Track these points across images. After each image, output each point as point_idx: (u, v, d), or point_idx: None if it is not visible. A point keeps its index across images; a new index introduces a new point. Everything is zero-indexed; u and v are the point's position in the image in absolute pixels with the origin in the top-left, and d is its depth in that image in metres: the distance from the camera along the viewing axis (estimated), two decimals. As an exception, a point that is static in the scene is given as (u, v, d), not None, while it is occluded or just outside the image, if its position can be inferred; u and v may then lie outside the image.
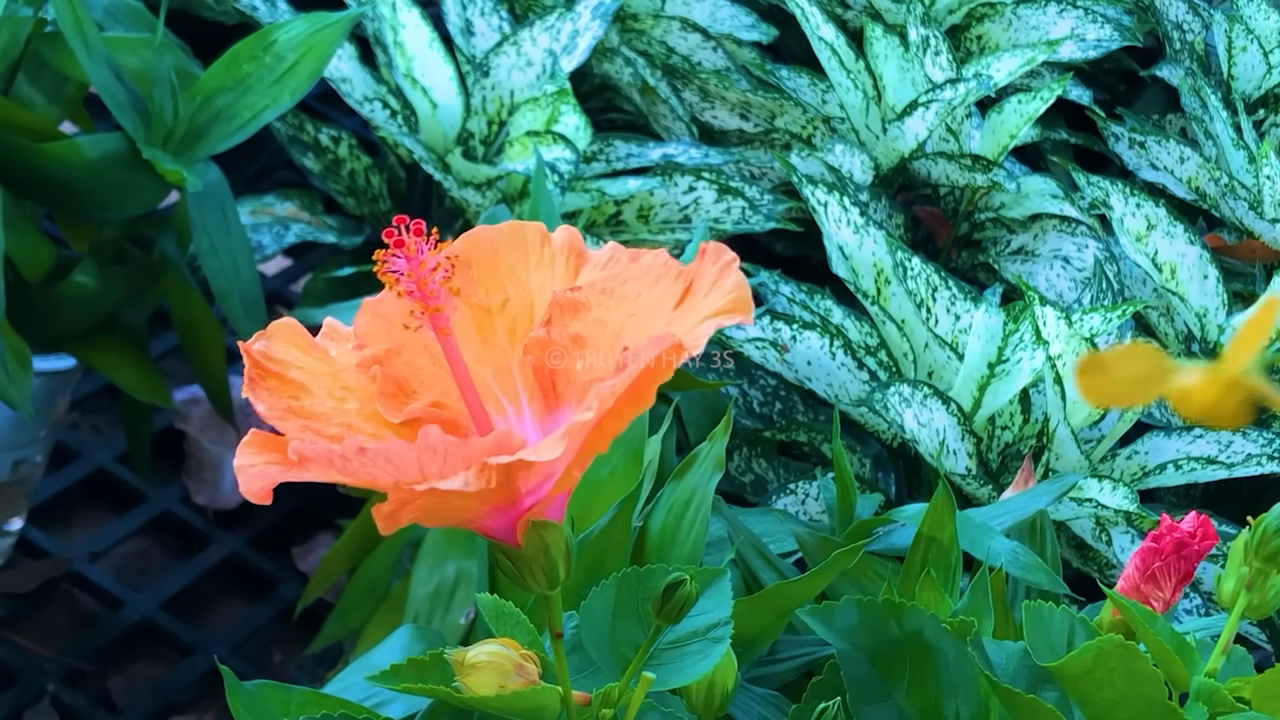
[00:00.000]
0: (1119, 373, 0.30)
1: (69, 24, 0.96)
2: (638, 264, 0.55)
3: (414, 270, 0.52)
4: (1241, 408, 0.30)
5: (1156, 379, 0.30)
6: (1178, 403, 0.30)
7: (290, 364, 0.55)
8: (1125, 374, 0.30)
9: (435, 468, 0.48)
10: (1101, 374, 0.31)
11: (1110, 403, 0.31)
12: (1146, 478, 1.09)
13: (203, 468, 1.35)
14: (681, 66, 1.39)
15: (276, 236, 1.29)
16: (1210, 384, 0.30)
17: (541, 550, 0.54)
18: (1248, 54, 1.47)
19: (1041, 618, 0.66)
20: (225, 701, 0.68)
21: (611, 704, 0.57)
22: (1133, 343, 0.30)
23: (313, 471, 0.49)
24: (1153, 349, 0.31)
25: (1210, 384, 0.30)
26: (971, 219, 1.37)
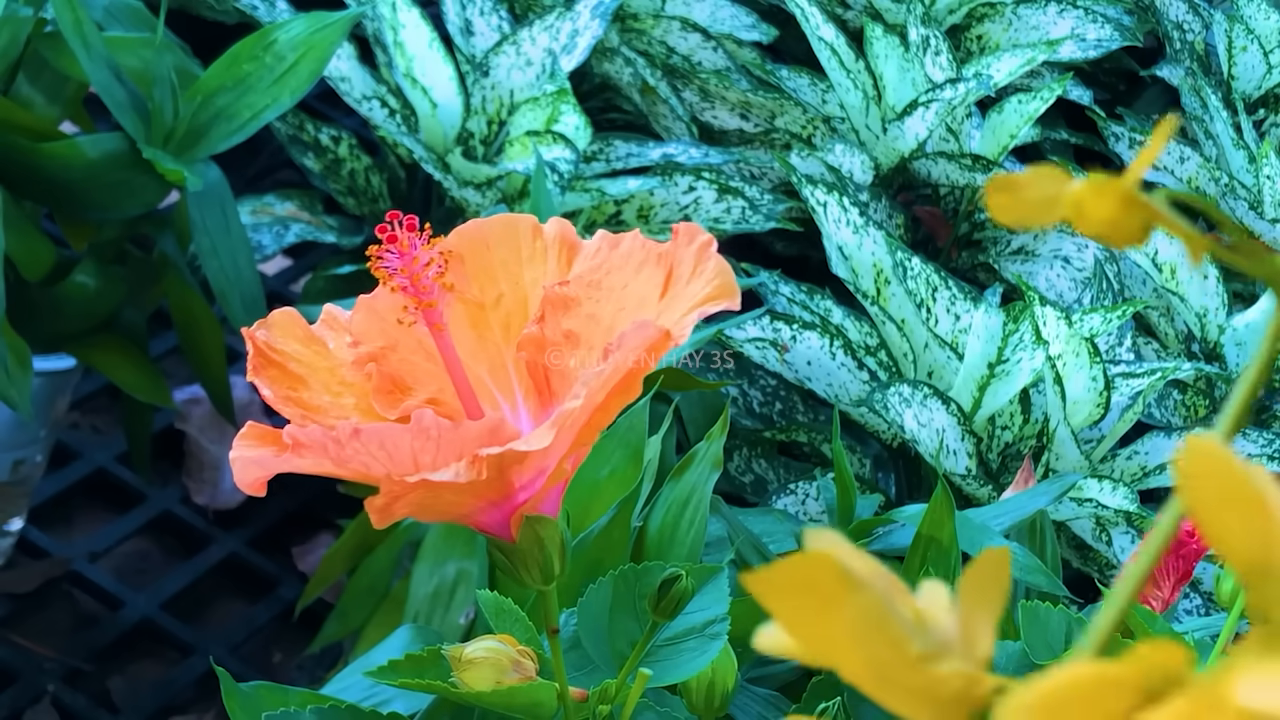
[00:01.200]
0: (1028, 192, 0.30)
1: (68, 24, 0.96)
2: (618, 251, 0.55)
3: (407, 265, 0.52)
4: (1138, 227, 0.29)
5: (1060, 196, 0.30)
6: (1075, 218, 0.29)
7: (290, 356, 0.55)
8: (1033, 193, 0.30)
9: (428, 454, 0.48)
10: (1011, 193, 0.30)
11: (1018, 222, 0.30)
12: (1146, 478, 1.09)
13: (203, 468, 1.35)
14: (681, 66, 1.39)
15: (276, 236, 1.29)
16: (1104, 196, 0.29)
17: (536, 545, 0.54)
18: (1248, 54, 1.47)
19: (1039, 617, 0.66)
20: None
21: (608, 700, 0.57)
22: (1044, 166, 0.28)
23: (307, 458, 0.49)
24: (1060, 169, 0.30)
25: (1104, 196, 0.29)
26: (971, 219, 1.37)
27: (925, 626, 0.29)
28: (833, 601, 0.27)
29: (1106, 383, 1.06)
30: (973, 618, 0.29)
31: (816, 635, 0.28)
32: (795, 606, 0.27)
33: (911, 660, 0.28)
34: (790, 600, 0.27)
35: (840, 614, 0.27)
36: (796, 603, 0.27)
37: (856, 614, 0.27)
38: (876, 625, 0.28)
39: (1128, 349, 1.16)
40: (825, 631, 0.27)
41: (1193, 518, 0.26)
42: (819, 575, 0.27)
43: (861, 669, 0.28)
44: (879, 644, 0.28)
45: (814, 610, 0.27)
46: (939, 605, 0.30)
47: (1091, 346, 1.05)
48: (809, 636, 0.28)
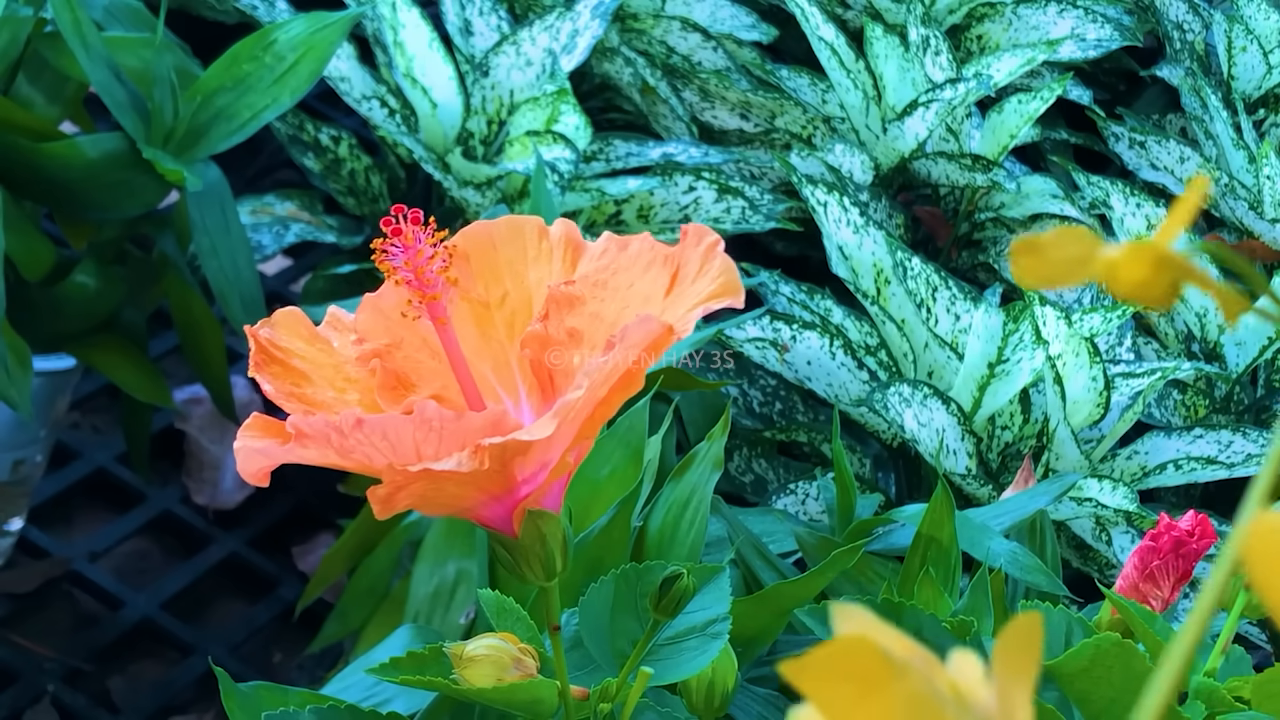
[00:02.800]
0: (1053, 254, 0.30)
1: (67, 24, 0.96)
2: (626, 252, 0.56)
3: (411, 259, 0.52)
4: (1170, 287, 0.29)
5: (1088, 258, 0.30)
6: (1107, 280, 0.29)
7: (294, 353, 0.55)
8: (1059, 255, 0.30)
9: (430, 445, 0.48)
10: (1036, 255, 0.30)
11: (1044, 283, 0.30)
12: (1146, 478, 1.09)
13: (203, 468, 1.35)
14: (681, 66, 1.39)
15: (276, 236, 1.29)
16: (1138, 260, 0.29)
17: (538, 540, 0.54)
18: (1248, 54, 1.47)
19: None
20: (225, 701, 0.67)
21: (609, 698, 0.57)
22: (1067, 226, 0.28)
23: (310, 448, 0.49)
24: (1086, 230, 0.30)
25: (1138, 260, 0.29)
26: (971, 219, 1.37)
27: (965, 702, 0.29)
28: (876, 688, 0.27)
29: (1106, 382, 1.06)
30: (1009, 689, 0.29)
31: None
32: (837, 695, 0.27)
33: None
34: (832, 688, 0.27)
35: (885, 701, 0.27)
36: (839, 691, 0.27)
37: (902, 700, 0.27)
38: (921, 709, 0.27)
39: (1128, 349, 1.16)
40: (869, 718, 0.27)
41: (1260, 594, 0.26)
42: (860, 661, 0.27)
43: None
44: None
45: (857, 698, 0.27)
46: (974, 677, 0.29)
47: (1091, 346, 1.05)
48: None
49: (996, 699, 0.29)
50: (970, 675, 0.29)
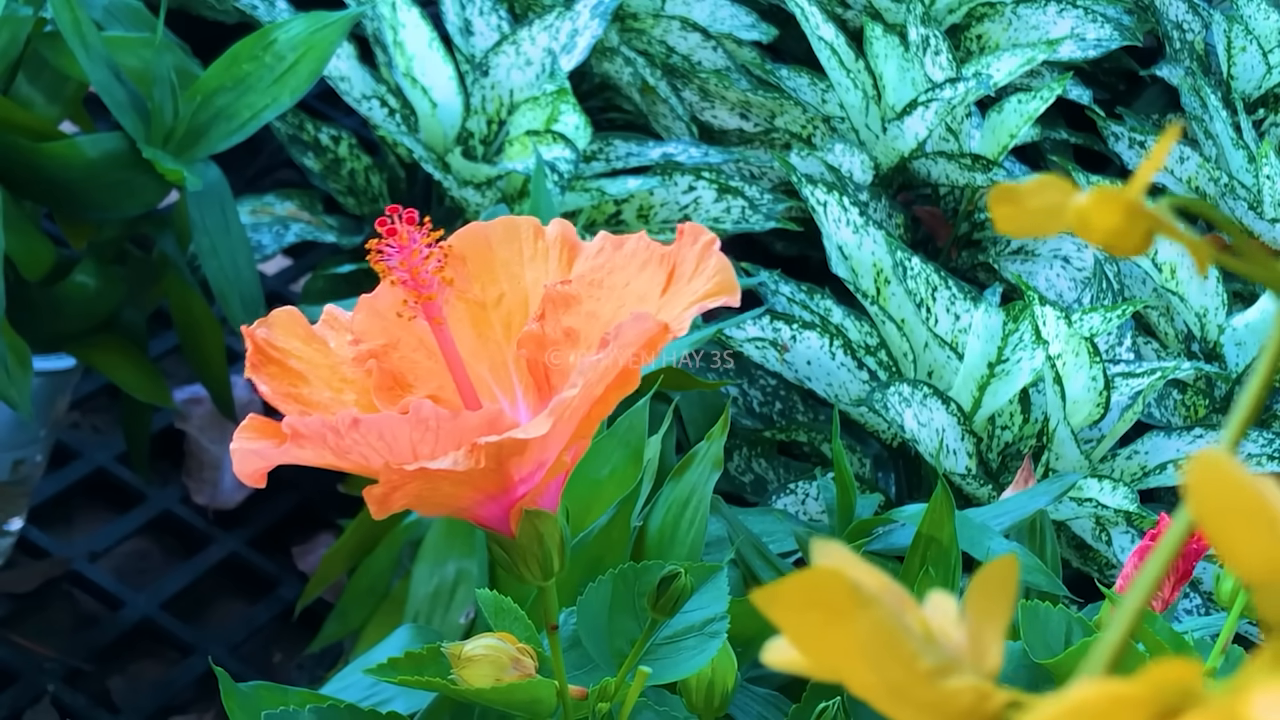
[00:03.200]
0: (1030, 202, 0.30)
1: (67, 24, 0.96)
2: (622, 251, 0.56)
3: (406, 259, 0.52)
4: (1142, 236, 0.29)
5: (1063, 206, 0.30)
6: (1080, 228, 0.29)
7: (291, 353, 0.55)
8: (1036, 203, 0.30)
9: (427, 444, 0.48)
10: (1014, 203, 0.30)
11: (1022, 232, 0.30)
12: (1146, 477, 1.09)
13: (203, 468, 1.35)
14: (681, 66, 1.39)
15: (276, 236, 1.29)
16: (1108, 207, 0.29)
17: (535, 540, 0.54)
18: (1247, 54, 1.47)
19: (1038, 617, 0.66)
20: (225, 701, 0.67)
21: (608, 698, 0.57)
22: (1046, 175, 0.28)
23: (307, 449, 0.49)
24: (1063, 179, 0.30)
25: (1108, 207, 0.29)
26: (971, 218, 1.37)
27: (934, 640, 0.29)
28: (842, 617, 0.27)
29: (1106, 382, 1.06)
30: (981, 629, 0.29)
31: (826, 651, 0.27)
32: (804, 623, 0.27)
33: (922, 675, 0.28)
34: (799, 616, 0.27)
35: (850, 630, 0.27)
36: (806, 619, 0.27)
37: (867, 630, 0.27)
38: (887, 641, 0.28)
39: (1128, 349, 1.16)
40: (835, 647, 0.27)
41: (1202, 531, 0.26)
42: (828, 591, 0.27)
43: (872, 684, 0.28)
44: (889, 660, 0.28)
45: (823, 626, 0.27)
46: (947, 617, 0.30)
47: (1091, 346, 1.05)
48: (818, 652, 0.28)
49: (968, 638, 0.29)
50: (944, 615, 0.30)
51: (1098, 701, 0.25)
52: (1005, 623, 0.29)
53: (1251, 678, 0.25)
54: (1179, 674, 0.25)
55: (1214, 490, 0.25)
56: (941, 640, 0.29)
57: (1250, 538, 0.26)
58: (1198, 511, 0.26)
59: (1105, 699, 0.25)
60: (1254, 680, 0.25)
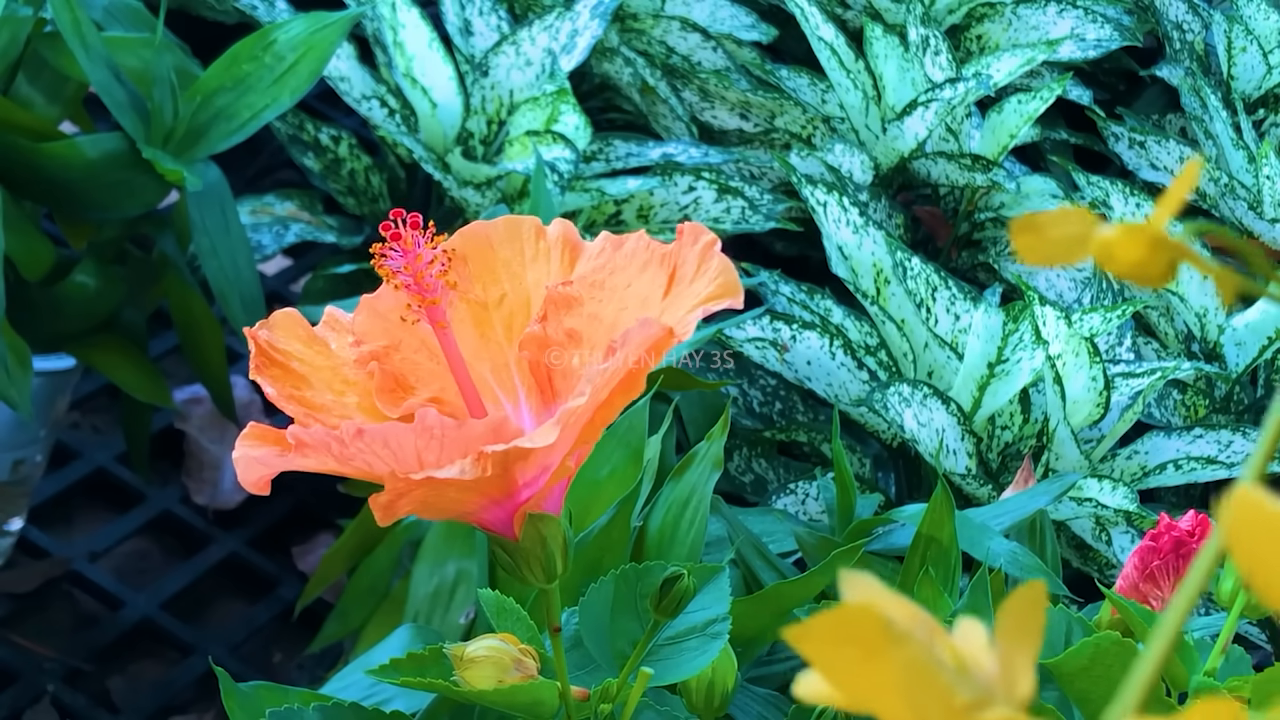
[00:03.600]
0: (1052, 232, 0.30)
1: (67, 24, 0.96)
2: (621, 251, 0.56)
3: (410, 263, 0.52)
4: (1166, 267, 0.30)
5: (1086, 238, 0.30)
6: (1103, 259, 0.30)
7: (293, 355, 0.55)
8: (1058, 233, 0.30)
9: (432, 452, 0.48)
10: (1036, 233, 0.30)
11: (1044, 261, 0.30)
12: (1146, 478, 1.09)
13: (203, 468, 1.35)
14: (681, 66, 1.39)
15: (276, 236, 1.29)
16: (1133, 240, 0.29)
17: (539, 543, 0.54)
18: (1247, 54, 1.47)
19: (1040, 617, 0.66)
20: (225, 701, 0.67)
21: (610, 699, 0.57)
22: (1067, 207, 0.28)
23: (310, 457, 0.49)
24: (1085, 211, 0.30)
25: (1133, 240, 0.29)
26: (971, 219, 1.37)
27: (967, 671, 0.29)
28: (876, 653, 0.27)
29: (1106, 382, 1.06)
30: (1012, 657, 0.29)
31: (860, 687, 0.27)
32: (838, 659, 0.27)
33: (957, 710, 0.28)
34: (833, 653, 0.27)
35: (885, 666, 0.27)
36: (839, 655, 0.27)
37: (901, 665, 0.27)
38: (922, 676, 0.28)
39: (1128, 349, 1.16)
40: (869, 683, 0.27)
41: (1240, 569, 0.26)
42: (862, 628, 0.27)
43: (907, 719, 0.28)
44: (924, 694, 0.28)
45: (858, 663, 0.27)
46: (977, 645, 0.30)
47: (1091, 346, 1.05)
48: (853, 689, 0.27)
49: (999, 667, 0.29)
50: (974, 644, 0.30)
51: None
52: (1036, 649, 0.29)
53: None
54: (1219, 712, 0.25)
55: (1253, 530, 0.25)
56: (973, 670, 0.29)
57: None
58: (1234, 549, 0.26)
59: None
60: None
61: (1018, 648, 0.29)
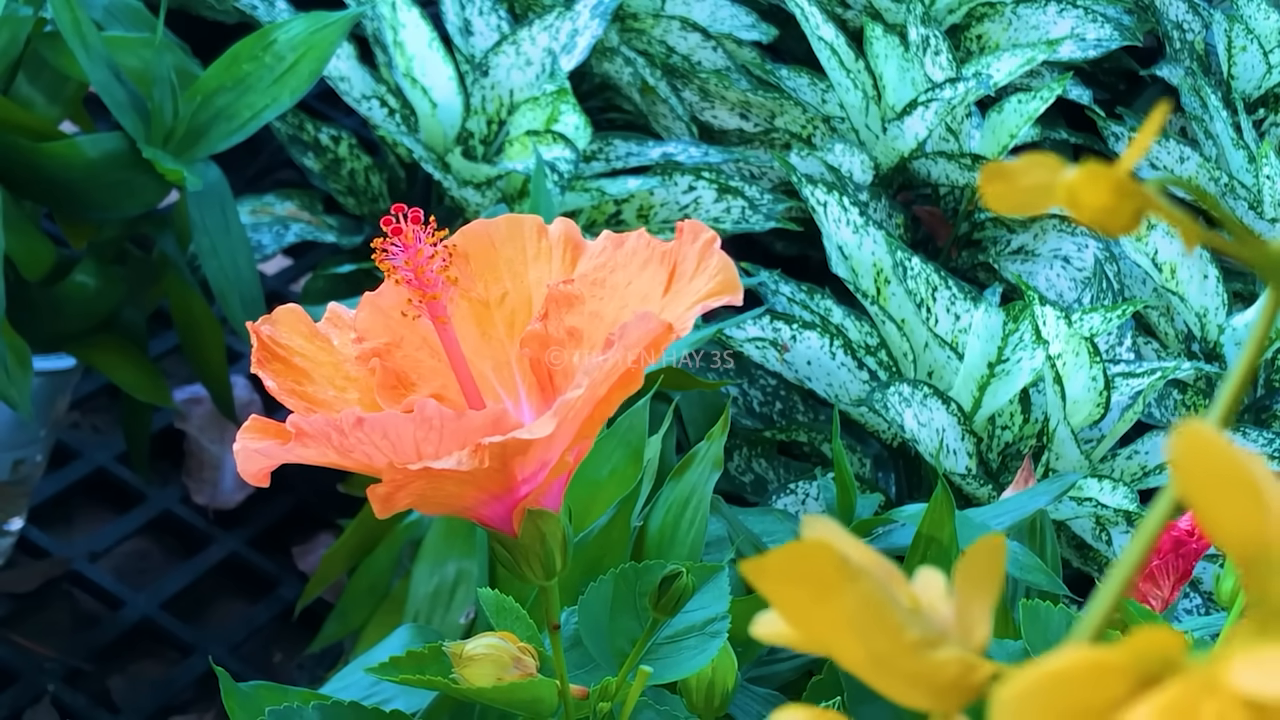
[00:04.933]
0: (1021, 180, 0.30)
1: (67, 24, 0.96)
2: (622, 250, 0.56)
3: (411, 258, 0.52)
4: (1131, 215, 0.29)
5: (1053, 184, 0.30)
6: (1069, 204, 0.30)
7: (295, 350, 0.55)
8: (1027, 181, 0.30)
9: (431, 444, 0.48)
10: (1004, 181, 0.30)
11: (1013, 209, 0.30)
12: (1147, 477, 1.09)
13: (203, 468, 1.35)
14: (681, 66, 1.39)
15: (276, 236, 1.29)
16: (1097, 184, 0.29)
17: (538, 540, 0.54)
18: (1248, 54, 1.47)
19: (1039, 617, 0.66)
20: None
21: (609, 697, 0.57)
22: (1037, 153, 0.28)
23: (311, 448, 0.49)
24: (1054, 158, 0.30)
25: (1097, 184, 0.29)
26: (971, 218, 1.37)
27: (922, 614, 0.29)
28: (831, 589, 0.28)
29: (1106, 382, 1.06)
30: (969, 605, 0.30)
31: (814, 623, 0.28)
32: (793, 595, 0.28)
33: (909, 647, 0.28)
34: (788, 588, 0.27)
35: (838, 602, 0.28)
36: (794, 591, 0.28)
37: (854, 602, 0.28)
38: (874, 613, 0.28)
39: (1128, 349, 1.16)
40: (823, 619, 0.28)
41: (1188, 503, 0.26)
42: (817, 563, 0.28)
43: (859, 656, 0.28)
44: (877, 631, 0.28)
45: (812, 598, 0.28)
46: (936, 593, 0.30)
47: (1091, 346, 1.05)
48: (807, 624, 0.28)
49: (956, 613, 0.29)
50: (933, 590, 0.30)
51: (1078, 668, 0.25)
52: (993, 599, 0.29)
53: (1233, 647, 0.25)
54: (1160, 642, 0.26)
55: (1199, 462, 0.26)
56: (930, 614, 0.29)
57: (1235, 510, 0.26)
58: (1183, 483, 0.26)
59: (1086, 665, 0.25)
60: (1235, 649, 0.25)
61: (975, 596, 0.29)
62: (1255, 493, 0.26)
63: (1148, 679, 0.25)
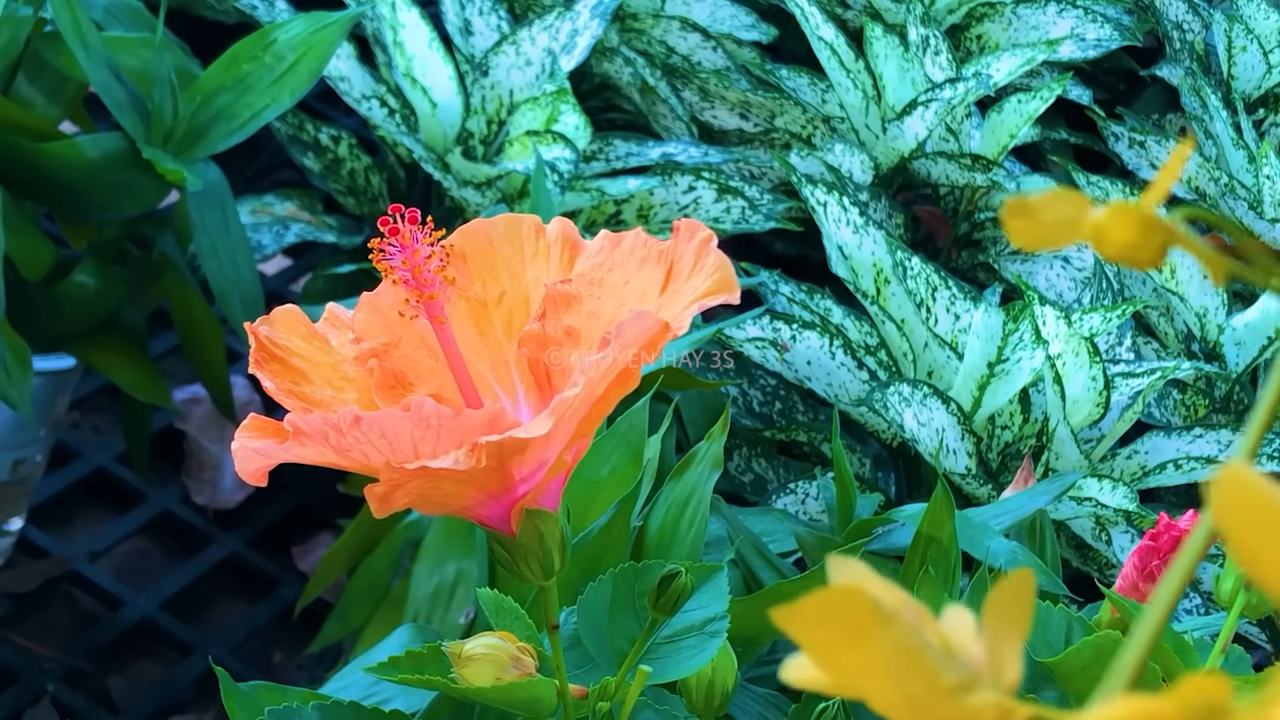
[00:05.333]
0: (1044, 216, 0.30)
1: (67, 24, 0.96)
2: (619, 249, 0.56)
3: (409, 258, 0.52)
4: (1157, 249, 0.29)
5: (1077, 220, 0.30)
6: (1095, 242, 0.30)
7: (293, 351, 0.55)
8: (1050, 217, 0.30)
9: (428, 442, 0.48)
10: (1028, 217, 0.30)
11: (1036, 245, 0.30)
12: (1146, 477, 1.09)
13: (203, 467, 1.35)
14: (681, 66, 1.39)
15: (276, 236, 1.29)
16: (1124, 221, 0.29)
17: (536, 539, 0.54)
18: (1248, 54, 1.47)
19: (1039, 616, 0.66)
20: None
21: (608, 697, 0.57)
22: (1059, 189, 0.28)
23: (309, 446, 0.49)
24: (1077, 194, 0.30)
25: (1124, 221, 0.29)
26: (971, 218, 1.37)
27: (955, 655, 0.29)
28: (864, 635, 0.27)
29: (1106, 382, 1.06)
30: (999, 644, 0.29)
31: (848, 668, 0.27)
32: (826, 640, 0.27)
33: (945, 692, 0.28)
34: (821, 633, 0.27)
35: (872, 648, 0.27)
36: (827, 636, 0.27)
37: (888, 647, 0.27)
38: (909, 658, 0.28)
39: (1127, 348, 1.16)
40: (857, 664, 0.27)
41: (1228, 545, 0.26)
42: (850, 608, 0.27)
43: (894, 701, 0.28)
44: (911, 676, 0.28)
45: (845, 643, 0.27)
46: (965, 632, 0.30)
47: (1091, 346, 1.05)
48: (840, 669, 0.27)
49: (986, 653, 0.29)
50: (962, 629, 0.30)
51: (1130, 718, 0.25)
52: (1023, 636, 0.29)
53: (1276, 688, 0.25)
54: (1209, 689, 0.25)
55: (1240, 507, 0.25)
56: (961, 655, 0.29)
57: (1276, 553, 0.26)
58: (1224, 527, 0.26)
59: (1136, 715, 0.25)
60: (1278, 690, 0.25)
61: (1005, 634, 0.29)
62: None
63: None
